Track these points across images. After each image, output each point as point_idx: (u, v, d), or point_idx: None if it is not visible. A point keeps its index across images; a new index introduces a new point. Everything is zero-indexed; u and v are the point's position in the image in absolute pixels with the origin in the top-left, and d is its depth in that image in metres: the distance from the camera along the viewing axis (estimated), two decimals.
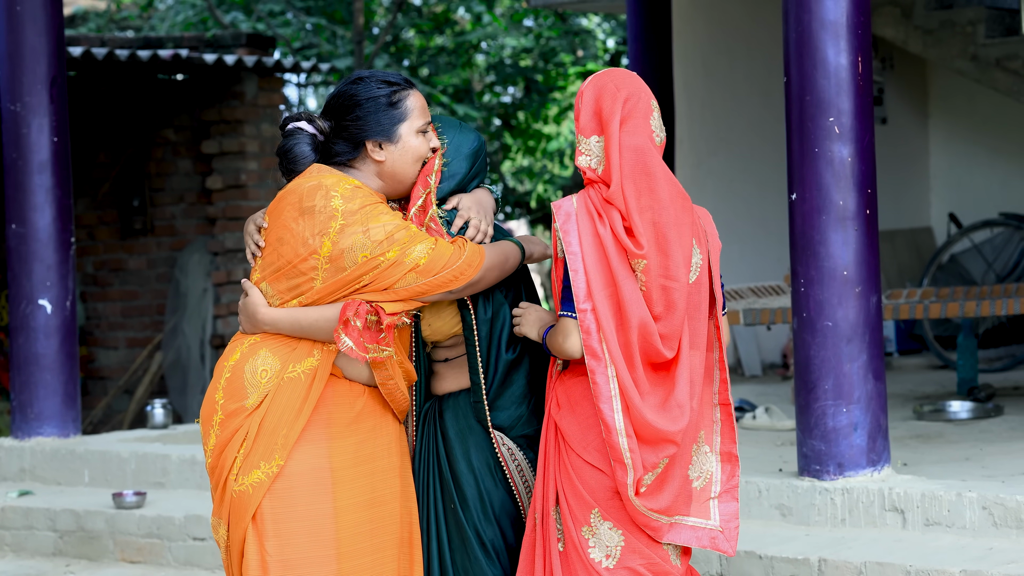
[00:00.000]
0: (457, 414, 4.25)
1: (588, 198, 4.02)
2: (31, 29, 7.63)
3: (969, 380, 8.64)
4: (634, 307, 3.96)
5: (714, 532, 4.13)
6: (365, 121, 4.17)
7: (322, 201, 4.08)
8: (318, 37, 17.42)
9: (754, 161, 10.87)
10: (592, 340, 3.95)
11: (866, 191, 5.77)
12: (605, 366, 3.95)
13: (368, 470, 4.18)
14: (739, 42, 10.96)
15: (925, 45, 10.77)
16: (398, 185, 4.24)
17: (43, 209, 7.66)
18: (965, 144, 11.89)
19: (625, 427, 3.94)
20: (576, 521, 4.02)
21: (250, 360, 4.16)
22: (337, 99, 4.22)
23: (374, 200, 4.11)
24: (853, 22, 5.75)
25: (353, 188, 4.11)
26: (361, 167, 4.22)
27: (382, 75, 4.22)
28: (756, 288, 9.09)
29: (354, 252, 4.05)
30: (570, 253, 3.97)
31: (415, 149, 4.21)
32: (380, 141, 4.18)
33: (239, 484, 4.11)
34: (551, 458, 4.09)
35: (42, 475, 7.72)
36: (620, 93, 4.05)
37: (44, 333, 7.67)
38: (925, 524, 5.59)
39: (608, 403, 3.95)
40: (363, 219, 4.06)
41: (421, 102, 4.24)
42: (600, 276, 3.97)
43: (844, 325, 5.75)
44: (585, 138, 4.05)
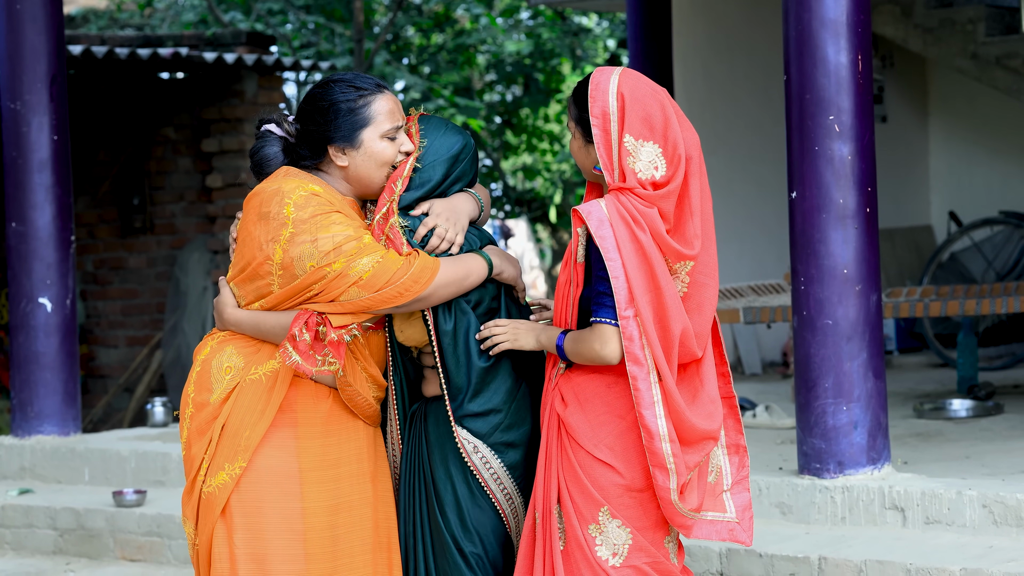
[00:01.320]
0: (438, 419, 4.22)
1: (619, 203, 3.95)
2: (31, 28, 7.63)
3: (969, 378, 8.63)
4: (676, 312, 3.94)
5: (731, 524, 4.16)
6: (327, 126, 4.16)
7: (276, 207, 4.08)
8: (318, 35, 17.42)
9: (754, 160, 10.87)
10: (635, 347, 3.92)
11: (866, 189, 5.77)
12: (648, 372, 3.92)
13: (334, 475, 4.18)
14: (739, 41, 10.96)
15: (925, 43, 10.77)
16: (366, 189, 4.22)
17: (43, 207, 7.66)
18: (965, 142, 11.89)
19: (668, 432, 3.93)
20: (582, 519, 4.01)
21: (217, 356, 4.19)
22: (304, 102, 4.22)
23: (327, 209, 4.07)
24: (853, 20, 5.75)
25: (307, 196, 4.08)
26: (328, 170, 4.22)
27: (353, 78, 4.20)
28: (756, 286, 9.09)
29: (303, 261, 4.05)
30: (609, 260, 3.91)
31: (379, 154, 4.16)
32: (342, 146, 4.17)
33: (207, 486, 4.13)
34: (554, 455, 4.07)
35: (42, 473, 7.72)
36: (658, 95, 4.01)
37: (44, 331, 7.67)
38: (925, 522, 5.59)
39: (651, 408, 3.93)
40: (312, 228, 4.04)
41: (389, 107, 4.18)
42: (642, 282, 3.92)
43: (844, 323, 5.75)
44: (634, 141, 3.95)
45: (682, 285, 4.00)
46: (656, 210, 3.94)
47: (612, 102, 3.97)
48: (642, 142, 3.96)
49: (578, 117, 4.08)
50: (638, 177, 3.94)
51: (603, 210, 3.95)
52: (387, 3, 18.00)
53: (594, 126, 3.99)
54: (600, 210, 3.95)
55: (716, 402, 4.04)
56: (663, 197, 3.94)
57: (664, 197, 3.94)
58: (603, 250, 3.92)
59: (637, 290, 3.92)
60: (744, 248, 10.69)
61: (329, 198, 4.13)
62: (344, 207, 4.16)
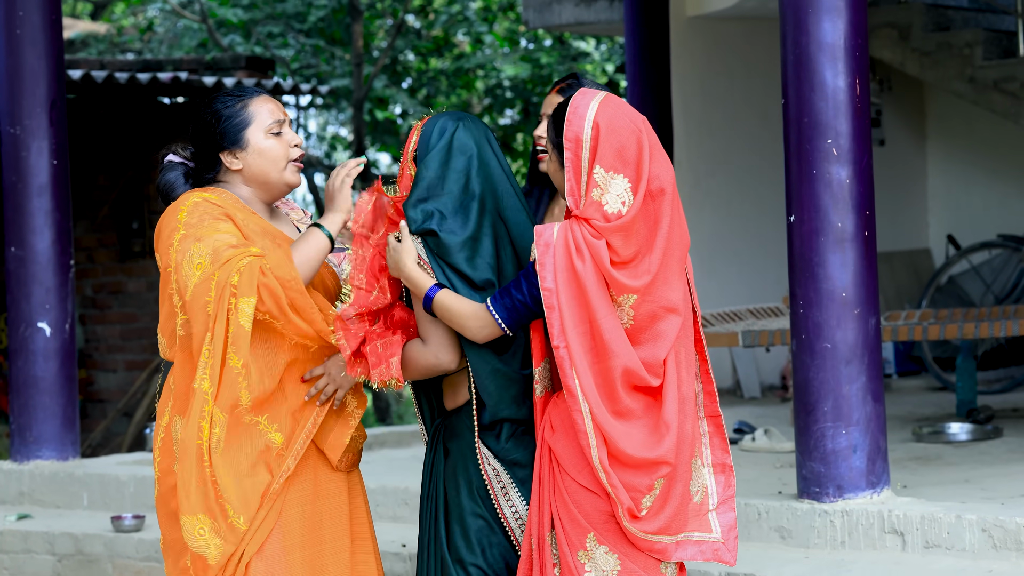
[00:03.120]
0: (453, 432, 4.25)
1: (570, 230, 3.95)
2: (31, 52, 7.64)
3: (968, 402, 8.63)
4: (615, 345, 3.94)
5: (716, 544, 4.14)
6: (213, 135, 4.29)
7: (171, 217, 4.22)
8: (317, 59, 17.44)
9: (752, 182, 10.88)
10: (567, 377, 3.94)
11: (864, 213, 5.78)
12: (579, 403, 3.94)
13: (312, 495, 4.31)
14: (737, 64, 10.97)
15: (923, 67, 10.79)
16: (271, 185, 4.34)
17: (42, 232, 7.66)
18: (963, 166, 11.91)
19: (602, 461, 3.94)
20: (572, 545, 4.01)
21: (173, 425, 4.26)
22: (192, 122, 4.35)
23: (216, 214, 4.18)
24: (851, 44, 5.76)
25: (198, 202, 4.21)
26: (228, 179, 4.34)
27: (231, 89, 4.36)
28: (755, 309, 9.09)
29: (192, 261, 4.14)
30: (544, 289, 3.94)
31: (268, 150, 4.30)
32: (232, 150, 4.30)
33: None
34: (546, 482, 4.07)
35: (41, 498, 7.71)
36: (635, 126, 3.99)
37: (43, 356, 7.66)
38: (925, 546, 5.58)
39: (585, 439, 3.94)
40: (198, 232, 4.15)
41: (269, 105, 4.33)
42: (574, 314, 3.93)
43: (843, 347, 5.75)
44: (604, 172, 3.95)
45: (627, 317, 3.99)
46: (604, 242, 3.94)
47: (587, 129, 3.97)
48: (612, 174, 3.96)
49: (555, 140, 4.08)
50: (604, 210, 3.94)
51: (552, 236, 3.96)
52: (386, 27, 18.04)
53: (566, 150, 3.99)
54: (550, 235, 3.97)
55: (671, 426, 4.00)
56: (614, 231, 3.94)
57: (615, 231, 3.94)
58: (541, 278, 3.94)
59: (568, 323, 3.93)
60: (743, 269, 10.69)
61: (222, 204, 4.23)
62: (242, 212, 4.25)
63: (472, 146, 4.20)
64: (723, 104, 10.97)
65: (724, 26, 10.84)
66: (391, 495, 6.91)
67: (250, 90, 4.35)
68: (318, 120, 21.18)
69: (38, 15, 7.64)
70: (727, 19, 10.77)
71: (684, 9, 10.66)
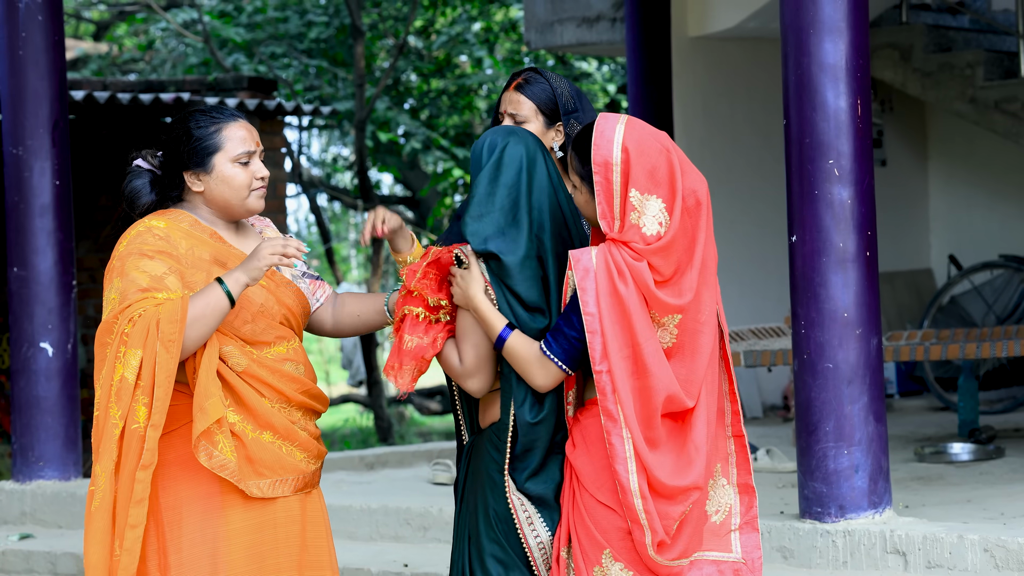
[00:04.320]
0: (476, 452, 4.20)
1: (609, 254, 3.93)
2: (33, 73, 7.66)
3: (970, 422, 8.63)
4: (656, 369, 3.92)
5: (737, 564, 4.12)
6: (182, 153, 4.29)
7: (117, 244, 4.27)
8: (320, 79, 17.47)
9: (754, 202, 10.90)
10: (607, 401, 3.91)
11: (866, 233, 5.78)
12: (620, 428, 3.91)
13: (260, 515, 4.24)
14: (739, 84, 10.99)
15: (924, 87, 10.81)
16: (231, 211, 4.32)
17: (45, 252, 7.66)
18: (964, 186, 11.92)
19: (640, 488, 3.91)
20: (588, 561, 3.99)
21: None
22: (164, 132, 4.34)
23: (150, 249, 4.17)
24: (852, 65, 5.77)
25: (142, 231, 4.23)
26: (189, 199, 4.34)
27: (208, 109, 4.34)
28: (757, 330, 9.09)
29: (110, 295, 4.16)
30: (587, 314, 3.90)
31: (231, 178, 4.27)
32: (196, 172, 4.28)
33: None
34: (566, 498, 4.06)
35: (43, 518, 7.70)
36: (663, 147, 3.98)
37: (45, 376, 7.66)
38: (927, 566, 5.58)
39: (624, 464, 3.91)
40: (121, 265, 4.17)
41: (242, 133, 4.30)
42: (618, 338, 3.91)
43: (845, 367, 5.75)
44: (640, 195, 3.93)
45: (669, 337, 3.97)
46: (646, 263, 3.92)
47: (616, 152, 3.94)
48: (647, 196, 3.94)
49: (581, 171, 4.04)
50: (642, 232, 3.92)
51: (592, 260, 3.94)
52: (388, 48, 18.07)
53: (595, 173, 3.95)
54: (589, 260, 3.94)
55: (700, 450, 3.99)
56: (655, 252, 3.92)
57: (655, 252, 3.92)
58: (582, 303, 3.91)
59: (611, 347, 3.91)
60: (745, 290, 10.69)
61: (169, 232, 4.22)
62: (191, 239, 4.23)
63: (522, 161, 4.18)
64: (725, 124, 10.99)
65: (726, 46, 10.86)
66: (392, 515, 6.90)
67: (226, 113, 4.31)
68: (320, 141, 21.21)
69: (41, 36, 7.66)
70: (729, 39, 10.79)
71: (686, 29, 10.69)
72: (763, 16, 10.08)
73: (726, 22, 10.43)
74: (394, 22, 17.81)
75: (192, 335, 4.07)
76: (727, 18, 10.41)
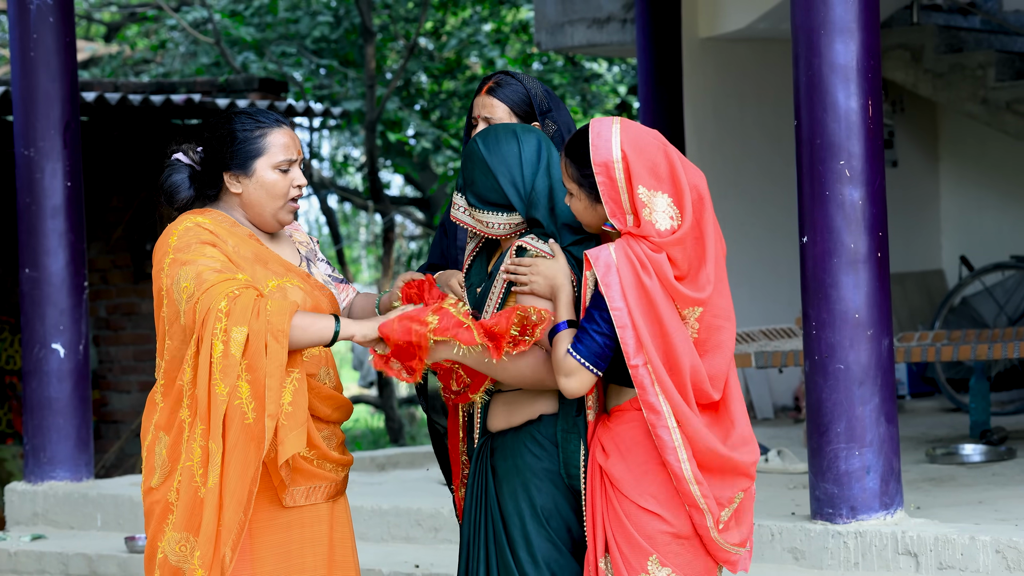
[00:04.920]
0: (506, 452, 4.16)
1: (628, 247, 3.92)
2: (44, 74, 7.67)
3: (981, 423, 8.62)
4: (686, 356, 3.92)
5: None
6: (224, 153, 4.29)
7: (164, 240, 4.22)
8: (330, 79, 17.48)
9: (765, 204, 10.89)
10: (648, 395, 3.90)
11: (877, 234, 5.78)
12: (665, 418, 3.91)
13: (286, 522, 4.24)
14: (749, 86, 10.99)
15: (935, 88, 10.81)
16: (261, 219, 4.32)
17: (56, 253, 7.68)
18: (976, 187, 11.91)
19: (694, 475, 3.92)
20: (631, 569, 3.96)
21: (156, 442, 4.23)
22: (207, 130, 4.34)
23: (204, 239, 4.17)
24: (863, 66, 5.77)
25: (190, 226, 4.20)
26: (225, 200, 4.33)
27: (254, 112, 4.33)
28: (767, 331, 9.09)
29: (179, 286, 4.13)
30: (614, 309, 3.89)
31: (271, 185, 4.27)
32: (236, 174, 4.28)
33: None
34: (599, 506, 4.03)
35: (55, 519, 7.72)
36: (658, 145, 3.98)
37: (57, 377, 7.68)
38: (938, 568, 5.58)
39: (674, 454, 3.91)
40: (185, 256, 4.14)
41: (285, 140, 4.30)
42: (649, 328, 3.90)
43: (856, 368, 5.75)
44: (648, 191, 3.92)
45: (691, 330, 3.98)
46: (664, 255, 3.92)
47: (616, 151, 3.95)
48: (654, 192, 3.95)
49: (579, 177, 4.02)
50: (656, 228, 3.92)
51: (611, 256, 3.92)
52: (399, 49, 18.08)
53: (597, 174, 3.94)
54: (608, 255, 3.92)
55: (749, 442, 4.02)
56: (673, 243, 3.92)
57: (674, 243, 3.92)
58: (608, 299, 3.89)
59: (645, 337, 3.89)
60: (755, 291, 10.69)
61: (215, 228, 4.22)
62: (235, 237, 4.24)
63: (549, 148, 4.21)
64: (735, 125, 10.98)
65: (736, 47, 10.85)
66: (404, 516, 6.91)
67: (272, 118, 4.31)
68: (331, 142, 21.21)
69: (52, 38, 7.67)
70: (739, 40, 10.79)
71: (696, 31, 10.68)
72: (774, 17, 10.07)
73: (736, 23, 10.42)
74: (404, 23, 17.81)
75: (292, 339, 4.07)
76: (737, 19, 10.41)
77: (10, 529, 7.80)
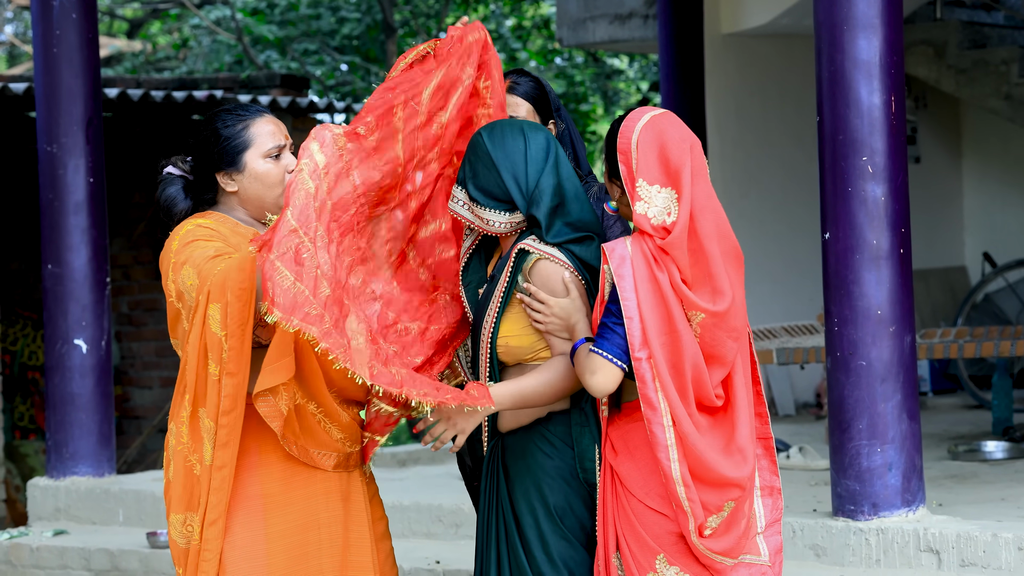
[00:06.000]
0: (515, 453, 4.17)
1: (643, 243, 3.93)
2: (67, 71, 7.69)
3: (1004, 420, 8.59)
4: (690, 354, 3.92)
5: (764, 568, 4.11)
6: (212, 154, 4.25)
7: (167, 246, 4.20)
8: (352, 76, 17.51)
9: (787, 201, 10.87)
10: (648, 390, 3.90)
11: (900, 230, 5.77)
12: (661, 416, 3.90)
13: (303, 495, 4.19)
14: (771, 82, 10.97)
15: (958, 84, 10.78)
16: (266, 209, 4.27)
17: (79, 249, 7.70)
18: (999, 183, 11.87)
19: (682, 476, 3.90)
20: (640, 567, 3.97)
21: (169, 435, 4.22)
22: (192, 136, 4.32)
23: (206, 236, 4.14)
24: (886, 62, 5.76)
25: (192, 228, 4.18)
26: (223, 201, 4.30)
27: (234, 107, 4.30)
28: (789, 327, 9.07)
29: (188, 285, 4.10)
30: (625, 299, 3.89)
31: (264, 175, 4.23)
32: (228, 172, 4.25)
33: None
34: (609, 503, 4.04)
35: (77, 514, 7.74)
36: (684, 143, 3.98)
37: (79, 373, 7.70)
38: (960, 565, 5.56)
39: (665, 452, 3.90)
40: (189, 253, 4.12)
41: (270, 127, 4.26)
42: (657, 323, 3.90)
43: (878, 365, 5.73)
44: (648, 186, 3.94)
45: (695, 333, 3.98)
46: (670, 257, 3.93)
47: (633, 140, 3.97)
48: (658, 188, 3.94)
49: (606, 153, 4.07)
50: (651, 223, 3.93)
51: (626, 248, 3.93)
52: None
53: (620, 162, 3.98)
54: (623, 248, 3.94)
55: (744, 451, 3.99)
56: (670, 246, 3.92)
57: (671, 246, 3.92)
58: (619, 289, 3.90)
59: (651, 332, 3.89)
60: (777, 288, 10.67)
61: (217, 228, 4.20)
62: (237, 237, 4.21)
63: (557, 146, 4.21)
64: (757, 121, 10.97)
65: (759, 43, 10.83)
66: (425, 512, 6.91)
67: (252, 109, 4.28)
68: None
69: (75, 34, 7.69)
70: (762, 36, 10.77)
71: (719, 26, 10.67)
72: (796, 13, 10.05)
73: (759, 19, 10.40)
74: (426, 19, 17.83)
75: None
76: (760, 15, 10.39)
77: (32, 524, 7.83)
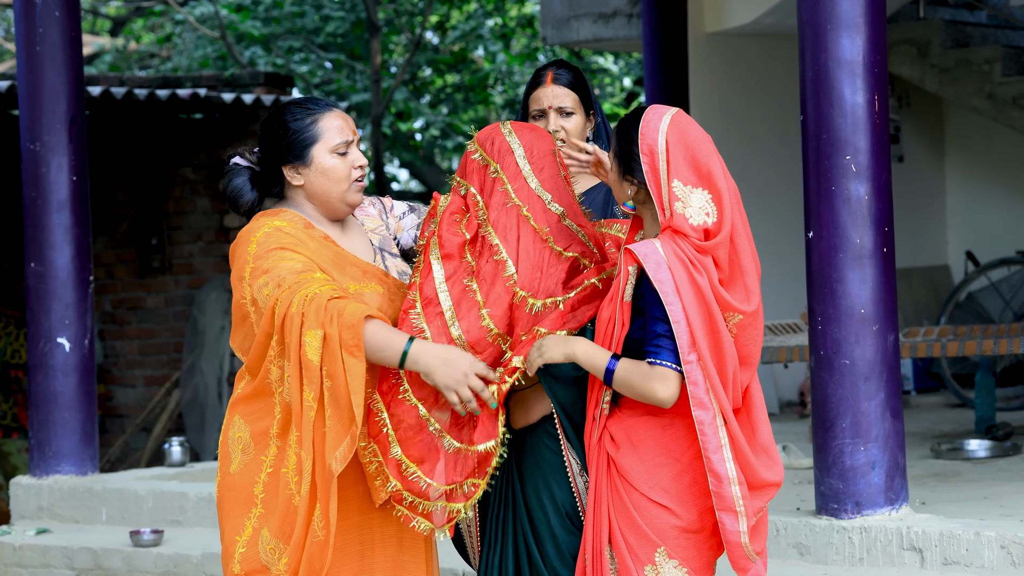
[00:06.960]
0: (525, 450, 4.19)
1: (676, 245, 3.92)
2: (50, 68, 7.67)
3: (987, 418, 8.61)
4: (731, 356, 3.93)
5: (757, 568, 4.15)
6: (280, 147, 4.23)
7: (243, 248, 4.16)
8: (336, 73, 17.49)
9: (771, 199, 10.88)
10: (699, 391, 3.89)
11: (883, 229, 5.77)
12: (714, 416, 3.90)
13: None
14: (755, 81, 10.98)
15: (941, 83, 10.80)
16: (332, 205, 4.26)
17: (62, 248, 7.68)
18: (982, 182, 11.90)
19: (737, 475, 3.91)
20: (637, 560, 3.98)
21: (230, 427, 4.21)
22: (260, 128, 4.30)
23: (284, 243, 4.10)
24: (869, 61, 5.76)
25: (269, 232, 4.14)
26: (291, 195, 4.28)
27: (303, 101, 4.28)
28: (773, 326, 9.08)
29: (263, 292, 4.08)
30: (670, 304, 3.87)
31: (331, 170, 4.22)
32: (295, 165, 4.23)
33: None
34: (604, 496, 4.04)
35: (60, 513, 7.72)
36: (708, 142, 4.00)
37: (62, 371, 7.68)
38: (943, 563, 5.57)
39: (719, 452, 3.91)
40: (267, 263, 4.08)
41: (338, 123, 4.25)
42: (702, 325, 3.90)
43: (861, 363, 5.74)
44: (683, 187, 3.93)
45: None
46: (710, 258, 3.93)
47: (661, 141, 3.96)
48: (691, 188, 3.94)
49: (618, 150, 4.06)
50: (690, 223, 3.92)
51: (660, 252, 3.91)
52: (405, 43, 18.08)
53: (643, 163, 3.97)
54: (657, 252, 3.91)
55: (769, 451, 4.02)
56: (716, 246, 3.92)
57: (717, 246, 3.93)
58: (662, 294, 3.88)
59: (698, 334, 3.89)
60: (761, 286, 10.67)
61: (294, 231, 4.17)
62: (313, 241, 4.18)
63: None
64: (741, 120, 10.97)
65: (742, 42, 10.84)
66: None
67: (322, 103, 4.27)
68: None
69: (57, 32, 7.67)
70: (745, 35, 10.78)
71: (702, 25, 10.68)
72: (780, 12, 10.06)
73: (743, 18, 10.41)
74: (409, 17, 17.81)
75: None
76: (744, 14, 10.40)
77: (15, 523, 7.81)
